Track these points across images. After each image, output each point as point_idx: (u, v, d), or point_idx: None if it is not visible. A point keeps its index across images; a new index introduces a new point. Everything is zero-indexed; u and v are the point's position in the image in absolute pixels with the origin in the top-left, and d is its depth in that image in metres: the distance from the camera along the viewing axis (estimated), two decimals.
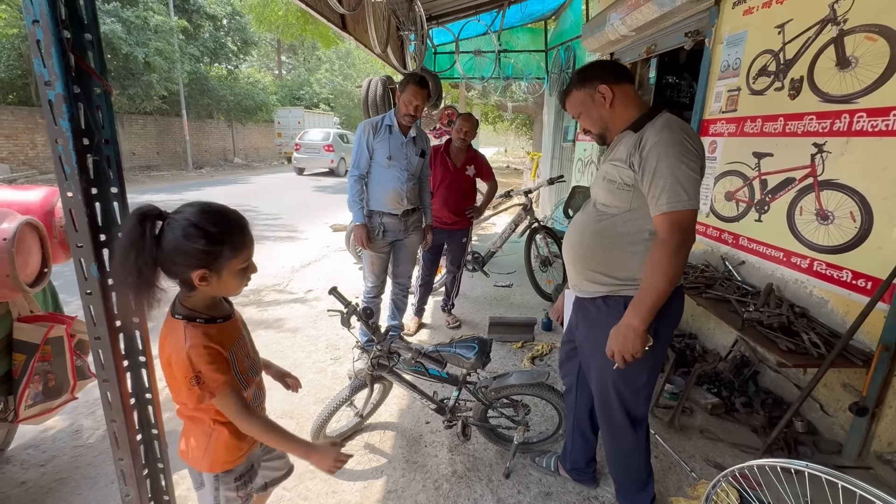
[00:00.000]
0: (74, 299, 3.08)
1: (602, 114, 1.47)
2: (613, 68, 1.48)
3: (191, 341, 1.00)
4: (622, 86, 1.44)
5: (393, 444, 2.21)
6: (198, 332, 1.02)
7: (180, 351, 1.00)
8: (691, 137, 1.32)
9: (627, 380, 1.52)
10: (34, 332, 1.72)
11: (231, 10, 18.19)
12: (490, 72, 7.20)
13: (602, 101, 1.45)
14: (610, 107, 1.45)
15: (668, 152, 1.27)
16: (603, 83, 1.43)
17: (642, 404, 1.59)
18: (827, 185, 2.21)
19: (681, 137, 1.29)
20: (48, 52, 0.96)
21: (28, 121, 12.08)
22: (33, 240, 1.68)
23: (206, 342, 1.01)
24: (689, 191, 1.26)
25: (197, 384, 0.99)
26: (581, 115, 1.53)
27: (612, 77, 1.44)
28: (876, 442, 2.00)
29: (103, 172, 1.12)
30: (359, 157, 2.71)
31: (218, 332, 1.06)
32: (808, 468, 1.03)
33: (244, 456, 1.18)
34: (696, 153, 1.30)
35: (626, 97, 1.44)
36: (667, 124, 1.33)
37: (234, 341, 1.11)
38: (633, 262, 1.42)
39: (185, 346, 0.99)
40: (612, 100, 1.44)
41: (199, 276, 0.98)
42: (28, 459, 2.03)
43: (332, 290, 1.90)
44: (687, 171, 1.26)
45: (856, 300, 2.07)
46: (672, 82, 4.97)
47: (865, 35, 2.03)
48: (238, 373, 1.09)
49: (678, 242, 1.27)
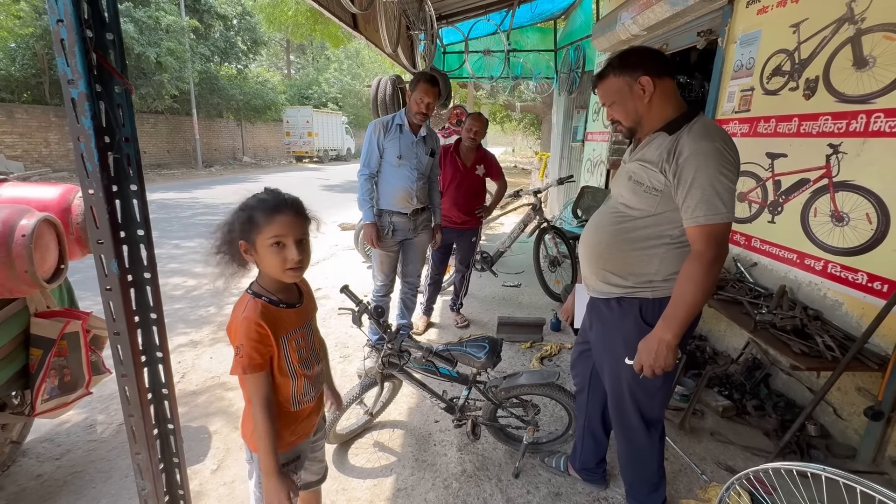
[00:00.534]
0: (89, 295, 3.13)
1: (639, 107, 1.37)
2: (660, 59, 1.38)
3: (247, 312, 1.08)
4: (665, 80, 1.35)
5: (402, 443, 2.22)
6: (257, 306, 1.09)
7: (237, 317, 1.10)
8: (729, 146, 1.27)
9: (643, 382, 1.48)
10: (51, 327, 1.75)
11: (241, 9, 18.33)
12: (499, 71, 7.20)
13: (641, 94, 1.35)
14: (648, 101, 1.36)
15: (707, 163, 1.22)
16: (647, 74, 1.33)
17: (657, 406, 1.57)
18: (842, 187, 2.19)
19: (720, 147, 1.24)
20: (72, 51, 0.97)
21: (42, 119, 12.25)
22: (51, 236, 1.70)
23: (258, 319, 1.07)
24: (728, 202, 1.23)
25: (237, 354, 1.07)
26: (614, 104, 1.42)
27: (657, 68, 1.34)
28: (891, 447, 1.97)
29: (123, 170, 1.13)
30: (369, 155, 2.72)
31: (276, 314, 1.12)
32: (825, 472, 1.02)
33: (292, 445, 1.23)
34: (733, 163, 1.25)
35: (667, 94, 1.36)
36: (705, 133, 1.27)
37: (291, 328, 1.16)
38: (650, 266, 1.40)
39: (241, 314, 1.09)
40: (652, 94, 1.34)
41: (243, 247, 1.09)
42: (44, 453, 2.07)
43: (344, 289, 1.91)
44: (726, 182, 1.22)
45: (871, 303, 2.04)
46: (684, 82, 4.93)
47: (884, 34, 2.01)
48: (288, 361, 1.15)
49: (714, 256, 1.24)
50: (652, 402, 1.55)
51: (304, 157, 21.21)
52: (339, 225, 7.08)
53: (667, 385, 1.54)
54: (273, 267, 1.10)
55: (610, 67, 1.40)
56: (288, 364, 1.15)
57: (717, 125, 1.35)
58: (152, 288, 1.23)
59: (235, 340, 1.09)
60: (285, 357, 1.14)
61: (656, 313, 1.37)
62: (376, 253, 2.85)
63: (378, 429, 2.31)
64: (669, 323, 1.29)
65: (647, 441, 1.59)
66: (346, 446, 2.17)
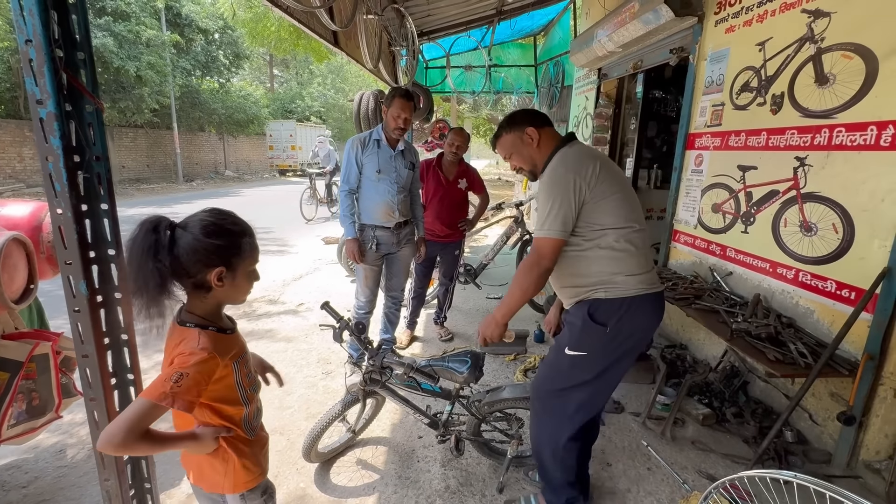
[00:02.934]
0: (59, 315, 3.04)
1: (531, 152, 1.67)
2: (538, 114, 1.72)
3: (202, 344, 1.00)
4: (544, 129, 1.67)
5: (385, 460, 2.19)
6: (210, 339, 1.02)
7: (190, 349, 0.99)
8: (570, 169, 1.49)
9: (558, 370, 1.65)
10: (18, 349, 1.69)
11: (223, 23, 18.30)
12: (481, 86, 7.31)
13: (530, 142, 1.66)
14: (537, 146, 1.66)
15: (545, 188, 1.52)
16: (531, 126, 1.66)
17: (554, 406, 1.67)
18: (810, 198, 2.27)
19: (558, 175, 1.50)
20: (40, 71, 0.96)
21: (15, 133, 11.97)
22: (20, 256, 1.66)
23: (212, 354, 1.00)
24: (550, 221, 1.48)
25: (172, 380, 0.94)
26: (513, 155, 1.72)
27: (537, 122, 1.67)
28: (864, 451, 2.02)
29: (93, 189, 1.12)
30: (348, 172, 2.74)
31: (226, 343, 1.07)
32: (796, 479, 1.04)
33: (264, 473, 1.20)
34: (569, 187, 1.46)
35: (548, 139, 1.66)
36: (554, 164, 1.57)
37: (239, 353, 1.11)
38: (587, 272, 1.55)
39: (196, 346, 1.00)
40: (538, 140, 1.65)
41: (217, 274, 1.00)
42: (10, 481, 1.98)
43: (325, 305, 1.89)
44: (553, 204, 1.47)
45: (840, 310, 2.10)
46: (659, 97, 5.07)
47: (842, 53, 2.10)
48: (241, 387, 1.09)
49: (532, 261, 1.52)
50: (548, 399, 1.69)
51: (288, 171, 21.10)
52: (323, 239, 7.04)
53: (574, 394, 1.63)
54: (242, 293, 1.07)
55: (502, 128, 1.73)
56: (241, 390, 1.10)
57: (575, 152, 1.56)
58: (124, 308, 1.20)
59: (179, 366, 0.96)
60: (238, 383, 1.09)
61: (604, 311, 1.53)
62: (360, 268, 2.84)
63: (361, 446, 2.28)
64: (500, 307, 1.61)
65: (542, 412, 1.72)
66: (328, 465, 2.13)
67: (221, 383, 1.05)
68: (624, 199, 1.52)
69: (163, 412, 0.94)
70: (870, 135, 1.98)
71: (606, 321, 1.52)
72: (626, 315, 1.51)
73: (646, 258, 1.57)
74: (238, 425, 1.11)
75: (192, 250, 0.98)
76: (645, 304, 1.53)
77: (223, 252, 1.01)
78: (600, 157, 1.57)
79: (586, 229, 1.52)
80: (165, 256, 0.96)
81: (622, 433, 2.41)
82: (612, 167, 1.58)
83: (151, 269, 0.94)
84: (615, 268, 1.52)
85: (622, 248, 1.51)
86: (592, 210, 1.49)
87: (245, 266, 1.05)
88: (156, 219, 0.97)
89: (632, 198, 1.57)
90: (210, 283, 1.01)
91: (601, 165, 1.51)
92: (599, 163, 1.52)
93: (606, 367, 1.57)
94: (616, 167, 1.63)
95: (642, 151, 4.93)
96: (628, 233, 1.51)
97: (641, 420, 2.48)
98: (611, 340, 1.53)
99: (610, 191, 1.49)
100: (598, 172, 1.49)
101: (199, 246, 0.98)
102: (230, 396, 1.08)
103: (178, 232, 0.99)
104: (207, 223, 1.00)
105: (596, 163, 1.51)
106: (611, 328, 1.51)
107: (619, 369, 1.61)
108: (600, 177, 1.49)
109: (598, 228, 1.51)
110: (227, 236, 1.02)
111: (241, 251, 1.03)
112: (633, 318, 1.52)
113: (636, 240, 1.53)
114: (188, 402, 0.95)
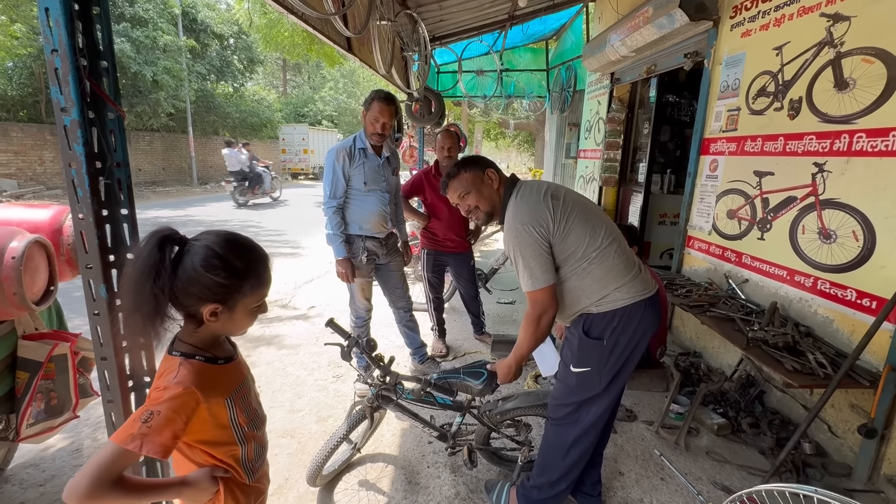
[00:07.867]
0: (77, 316, 3.09)
1: (491, 193, 1.68)
2: (492, 163, 1.74)
3: (179, 378, 0.88)
4: (500, 174, 1.71)
5: (395, 466, 2.18)
6: (191, 371, 0.90)
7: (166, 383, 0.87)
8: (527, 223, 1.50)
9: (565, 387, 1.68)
10: (38, 349, 1.73)
11: (237, 29, 18.59)
12: (492, 90, 7.32)
13: (490, 182, 1.67)
14: (497, 188, 1.68)
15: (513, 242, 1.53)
16: (489, 168, 1.69)
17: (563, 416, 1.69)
18: (828, 205, 2.22)
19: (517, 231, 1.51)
20: (65, 79, 0.98)
21: (37, 137, 12.27)
22: (41, 258, 1.70)
23: (188, 389, 0.87)
24: (536, 271, 1.50)
25: (143, 420, 0.82)
26: (470, 193, 1.68)
27: (495, 166, 1.71)
28: (886, 465, 1.97)
29: (114, 195, 1.14)
30: (334, 186, 2.53)
31: (215, 375, 0.95)
32: (816, 493, 1.01)
33: None
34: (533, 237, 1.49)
35: (502, 183, 1.69)
36: (509, 216, 1.58)
37: (234, 386, 0.99)
38: (577, 294, 1.57)
39: (172, 379, 0.88)
40: (498, 182, 1.68)
41: (210, 310, 0.90)
42: (27, 479, 2.02)
43: (330, 323, 1.80)
44: (530, 255, 1.49)
45: (861, 319, 2.06)
46: (672, 101, 5.03)
47: (862, 58, 2.07)
48: (236, 425, 0.97)
49: (536, 314, 1.54)
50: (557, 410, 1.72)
51: (300, 174, 21.30)
52: None
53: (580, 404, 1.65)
54: (241, 328, 0.97)
55: (459, 168, 1.70)
56: (236, 429, 0.97)
57: (523, 203, 1.57)
58: None
59: (151, 402, 0.85)
60: (232, 422, 0.96)
61: (598, 326, 1.57)
62: (354, 286, 2.70)
63: (370, 454, 2.26)
64: (514, 354, 1.65)
65: (552, 432, 1.74)
66: (332, 483, 2.07)
67: (210, 423, 0.93)
68: (584, 221, 1.53)
69: (134, 458, 0.82)
70: (892, 140, 1.94)
71: (602, 335, 1.55)
72: (619, 326, 1.54)
73: (625, 264, 1.57)
74: (235, 466, 0.99)
75: (189, 281, 0.87)
76: (637, 312, 1.55)
77: (221, 290, 0.90)
78: (545, 190, 1.58)
79: (561, 263, 1.55)
80: (166, 281, 0.86)
81: (635, 442, 2.38)
82: (559, 192, 1.59)
83: (148, 293, 0.84)
84: (599, 286, 1.54)
85: (599, 265, 1.53)
86: (559, 245, 1.52)
87: (246, 304, 0.94)
88: (165, 234, 0.87)
89: (589, 211, 1.58)
90: (202, 318, 0.91)
91: (551, 201, 1.53)
92: (549, 199, 1.54)
93: (613, 377, 1.59)
94: (563, 189, 1.63)
95: (655, 156, 4.89)
96: (600, 250, 1.53)
97: (655, 429, 2.44)
98: (610, 352, 1.56)
99: (568, 222, 1.52)
100: (552, 211, 1.51)
101: (196, 278, 0.88)
102: (221, 438, 0.96)
103: (186, 250, 0.89)
104: (211, 255, 0.88)
105: (546, 203, 1.53)
106: (607, 341, 1.55)
107: (626, 375, 1.63)
108: (555, 215, 1.51)
109: (570, 258, 1.54)
110: (229, 274, 0.90)
111: (241, 290, 0.92)
112: (627, 328, 1.55)
113: (609, 251, 1.54)
114: (160, 444, 0.81)
